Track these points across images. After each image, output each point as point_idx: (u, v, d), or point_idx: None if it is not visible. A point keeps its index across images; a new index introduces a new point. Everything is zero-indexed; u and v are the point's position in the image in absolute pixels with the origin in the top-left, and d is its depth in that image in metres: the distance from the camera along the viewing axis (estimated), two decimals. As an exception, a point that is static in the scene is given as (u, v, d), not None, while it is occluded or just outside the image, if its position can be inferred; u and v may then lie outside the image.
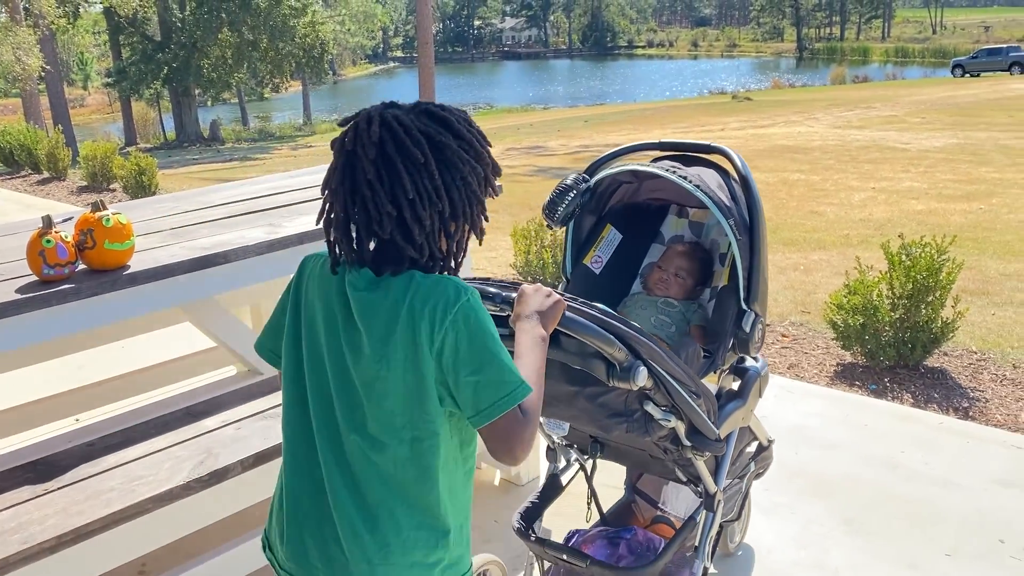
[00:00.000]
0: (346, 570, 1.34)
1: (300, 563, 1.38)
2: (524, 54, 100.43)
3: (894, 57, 68.29)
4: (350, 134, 1.31)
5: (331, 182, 1.33)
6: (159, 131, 38.16)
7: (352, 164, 1.29)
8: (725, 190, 2.08)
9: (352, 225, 1.32)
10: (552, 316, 1.47)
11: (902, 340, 3.99)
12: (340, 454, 1.34)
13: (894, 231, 8.28)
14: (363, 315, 1.31)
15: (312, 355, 1.37)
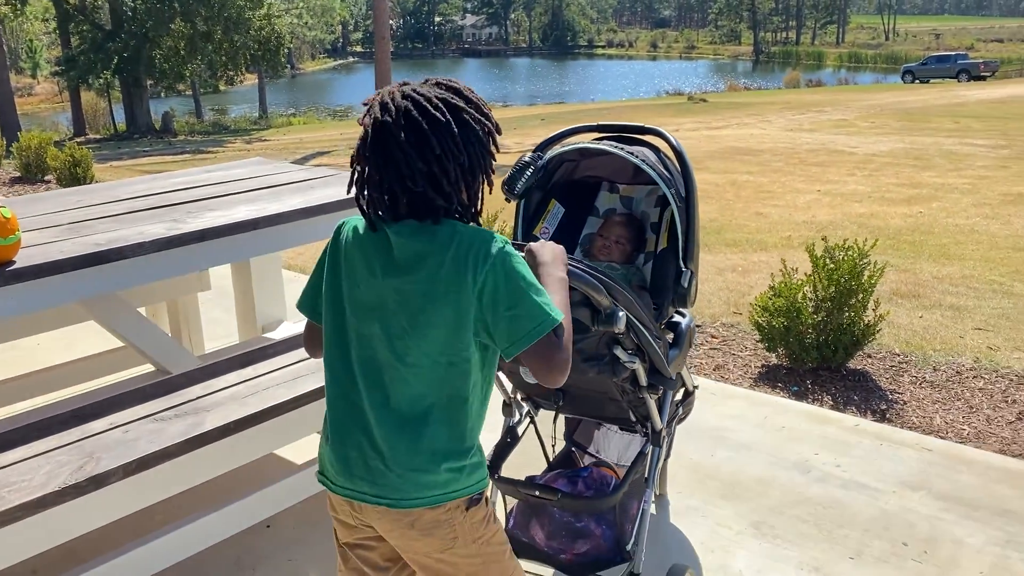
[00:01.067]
0: (387, 479, 1.53)
1: (348, 477, 1.57)
2: (484, 51, 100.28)
3: (847, 62, 69.44)
4: (376, 108, 1.50)
5: (364, 151, 1.51)
6: (109, 122, 37.33)
7: (383, 132, 1.48)
8: (662, 165, 2.34)
9: (385, 184, 1.49)
10: (562, 263, 1.68)
11: (825, 342, 4.02)
12: (381, 382, 1.53)
13: (835, 233, 8.38)
14: (411, 259, 1.50)
15: (354, 301, 1.55)
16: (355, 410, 1.56)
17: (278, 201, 3.03)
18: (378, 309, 1.53)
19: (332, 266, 1.60)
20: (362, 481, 1.55)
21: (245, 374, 2.58)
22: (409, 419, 1.53)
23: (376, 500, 1.55)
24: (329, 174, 3.53)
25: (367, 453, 1.54)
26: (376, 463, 1.54)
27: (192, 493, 2.42)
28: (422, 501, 1.54)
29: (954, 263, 6.95)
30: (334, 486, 1.60)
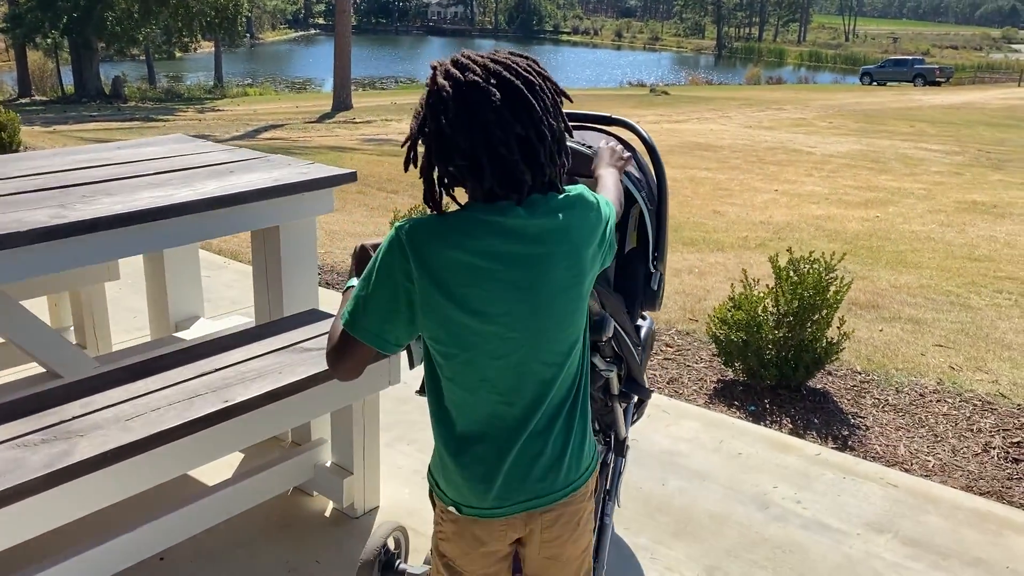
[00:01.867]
0: (558, 475, 1.48)
1: (519, 491, 1.47)
2: (449, 30, 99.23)
3: (808, 61, 70.09)
4: (455, 69, 1.37)
5: (443, 117, 1.35)
6: (57, 84, 36.00)
7: (473, 92, 1.34)
8: (632, 163, 2.18)
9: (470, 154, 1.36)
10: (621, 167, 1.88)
11: (785, 359, 3.78)
12: (536, 380, 1.43)
13: (792, 235, 8.22)
14: (541, 240, 1.39)
15: (478, 310, 1.38)
16: (514, 419, 1.45)
17: (189, 187, 2.68)
18: (515, 303, 1.40)
19: (430, 284, 1.37)
20: (539, 483, 1.48)
21: (136, 389, 2.24)
22: (561, 411, 1.48)
23: (554, 498, 1.50)
24: (254, 156, 3.17)
25: (536, 454, 1.47)
26: (546, 460, 1.48)
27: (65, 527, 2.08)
28: (587, 475, 1.54)
29: (911, 271, 6.81)
30: (500, 509, 1.48)
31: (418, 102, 1.42)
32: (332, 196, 2.96)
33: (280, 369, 2.38)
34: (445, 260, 1.36)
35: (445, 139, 1.36)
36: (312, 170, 2.96)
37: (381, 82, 45.85)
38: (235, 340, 2.59)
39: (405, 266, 1.36)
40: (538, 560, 1.56)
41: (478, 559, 1.53)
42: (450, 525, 1.52)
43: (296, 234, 2.93)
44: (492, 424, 1.44)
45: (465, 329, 1.39)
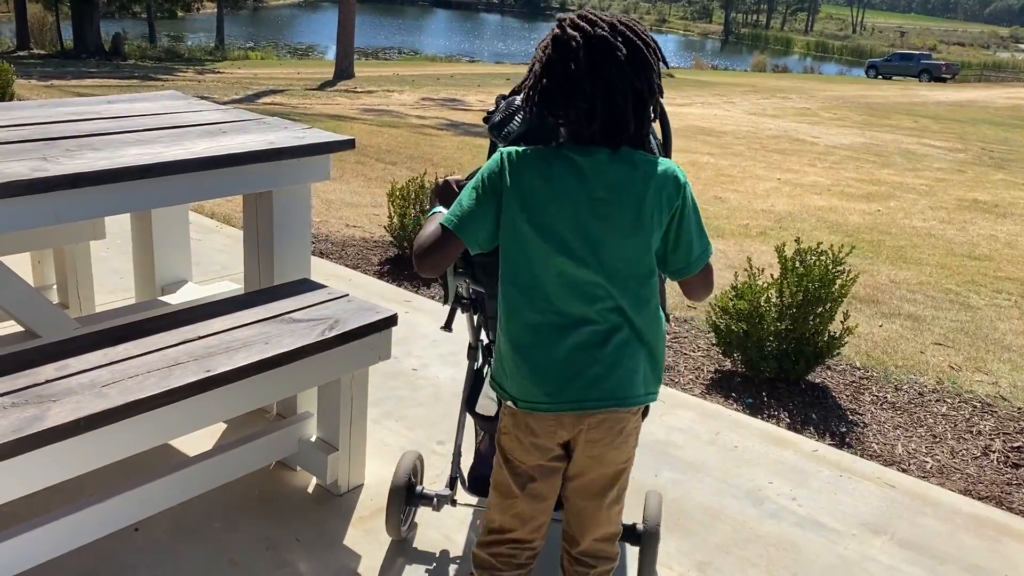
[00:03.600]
0: (609, 383, 1.66)
1: (569, 390, 1.65)
2: (455, 4, 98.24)
3: (814, 51, 69.69)
4: (583, 23, 1.57)
5: (568, 62, 1.56)
6: (56, 38, 35.51)
7: (602, 43, 1.56)
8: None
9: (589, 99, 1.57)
10: None
11: (785, 352, 3.70)
12: (588, 297, 1.63)
13: (793, 224, 8.14)
14: (614, 186, 1.61)
15: (544, 227, 1.62)
16: (564, 328, 1.64)
17: (179, 145, 2.56)
18: (579, 231, 1.62)
19: (514, 190, 1.63)
20: (587, 389, 1.65)
21: (114, 353, 2.14)
22: (614, 335, 1.64)
23: (602, 404, 1.66)
24: (249, 118, 3.06)
25: (586, 363, 1.64)
26: (597, 369, 1.64)
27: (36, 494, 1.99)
28: (637, 400, 1.69)
29: (911, 267, 6.73)
30: (549, 404, 1.66)
31: (539, 51, 1.63)
32: (329, 163, 2.85)
33: (267, 339, 2.29)
34: (528, 180, 1.63)
35: (571, 83, 1.57)
36: (309, 135, 2.85)
37: (385, 52, 45.38)
38: (222, 307, 2.50)
39: (500, 180, 1.64)
40: (582, 459, 1.73)
41: (531, 451, 1.72)
42: (509, 418, 1.74)
43: (290, 201, 2.82)
44: (543, 330, 1.65)
45: (529, 242, 1.63)
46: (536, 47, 1.65)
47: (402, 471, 2.42)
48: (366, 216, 6.40)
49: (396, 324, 2.53)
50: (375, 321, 2.46)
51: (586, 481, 1.76)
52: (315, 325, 2.40)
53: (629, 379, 1.66)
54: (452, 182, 1.88)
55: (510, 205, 1.63)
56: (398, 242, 5.12)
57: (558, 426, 1.68)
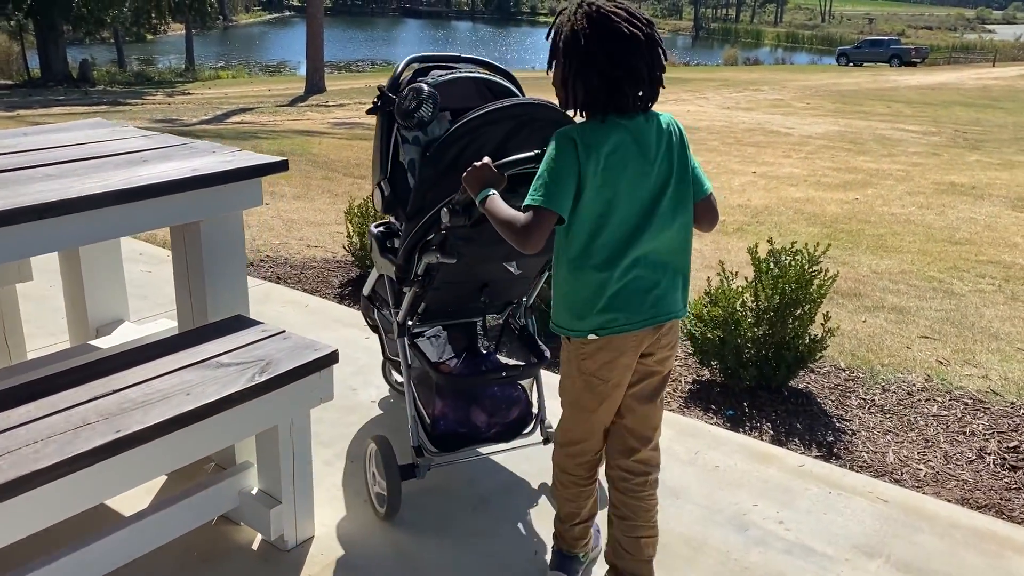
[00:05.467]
0: (674, 300, 2.08)
1: (650, 309, 2.03)
2: (425, 13, 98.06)
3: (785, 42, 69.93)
4: (637, 18, 1.94)
5: (633, 52, 1.91)
6: (23, 68, 35.06)
7: (654, 35, 1.95)
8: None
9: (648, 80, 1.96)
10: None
11: (765, 358, 3.51)
12: (658, 235, 2.00)
13: (770, 218, 7.97)
14: (654, 142, 1.98)
15: (620, 184, 1.96)
16: (634, 264, 1.99)
17: (92, 179, 2.35)
18: (651, 186, 1.98)
19: (597, 163, 1.92)
20: (660, 306, 2.04)
21: (15, 416, 1.92)
22: (675, 255, 2.05)
23: (668, 317, 2.06)
24: (175, 143, 2.84)
25: (650, 287, 2.02)
26: (658, 291, 2.03)
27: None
28: (684, 311, 2.12)
29: (892, 256, 6.58)
30: (637, 322, 2.02)
31: (571, 31, 1.93)
32: (260, 187, 2.63)
33: (189, 390, 2.07)
34: (600, 149, 1.92)
35: (636, 69, 1.91)
36: (238, 158, 2.64)
37: (357, 64, 45.14)
38: (144, 353, 2.28)
39: (576, 155, 1.92)
40: (651, 364, 2.12)
41: (616, 368, 2.07)
42: (590, 347, 2.05)
43: (219, 230, 2.61)
44: (618, 269, 1.98)
45: (609, 199, 1.95)
46: (578, 40, 1.92)
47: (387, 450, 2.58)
48: (329, 235, 6.17)
49: (337, 361, 2.32)
50: (313, 360, 2.25)
51: (650, 384, 2.14)
52: (244, 369, 2.18)
53: (676, 296, 2.07)
54: (490, 164, 2.08)
55: (591, 173, 1.91)
56: (359, 261, 4.91)
57: (638, 341, 2.05)
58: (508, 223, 1.95)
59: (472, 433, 2.63)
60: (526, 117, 2.35)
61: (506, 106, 2.33)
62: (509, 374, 2.62)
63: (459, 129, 2.31)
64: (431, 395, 2.61)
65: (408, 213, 2.45)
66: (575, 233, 1.98)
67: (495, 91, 2.67)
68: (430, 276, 2.44)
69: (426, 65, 2.69)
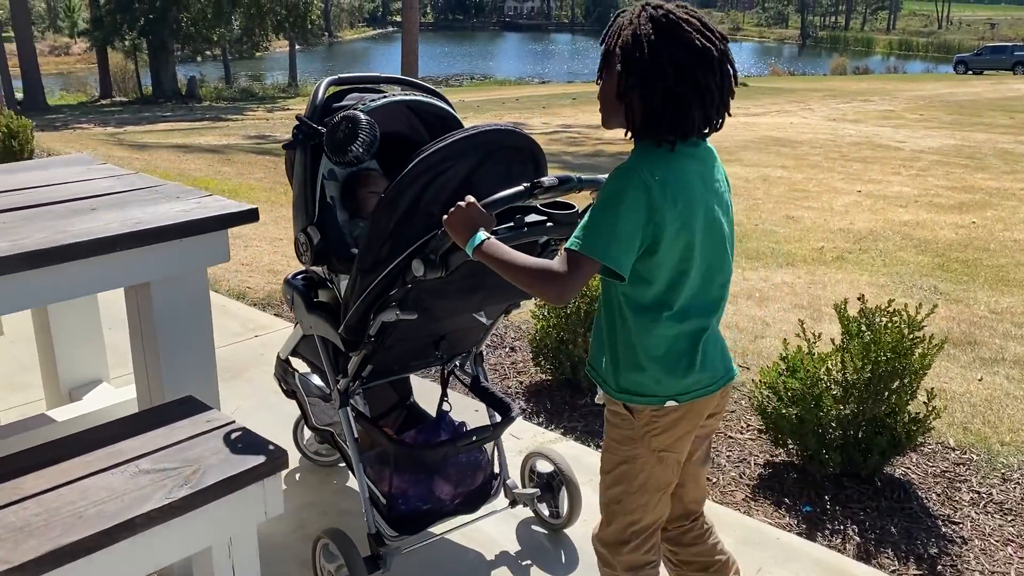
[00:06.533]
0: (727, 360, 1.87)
1: (715, 371, 1.81)
2: (525, 26, 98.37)
3: (897, 50, 67.05)
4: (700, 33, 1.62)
5: (710, 72, 1.63)
6: (136, 85, 36.64)
7: (728, 53, 1.68)
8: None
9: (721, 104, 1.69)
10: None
11: (853, 440, 2.89)
12: (723, 282, 1.81)
13: (875, 245, 7.20)
14: (715, 174, 1.77)
15: (696, 227, 1.69)
16: (709, 314, 1.79)
17: (15, 232, 1.97)
18: (714, 222, 1.74)
19: (675, 208, 1.64)
20: (727, 360, 1.86)
21: None
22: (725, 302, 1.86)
23: (732, 374, 1.87)
24: (142, 186, 2.46)
25: (718, 340, 1.84)
26: (722, 344, 1.86)
27: None
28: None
29: (1015, 291, 5.75)
30: (714, 385, 1.82)
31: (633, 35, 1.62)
32: (225, 241, 2.22)
33: (81, 513, 1.64)
34: (675, 182, 1.64)
35: (709, 89, 1.62)
36: (200, 207, 2.22)
37: (455, 79, 45.42)
38: (61, 449, 1.87)
39: (647, 198, 1.61)
40: (710, 424, 1.91)
41: (687, 439, 1.84)
42: (668, 418, 1.78)
43: (176, 292, 2.20)
44: (697, 322, 1.75)
45: (687, 246, 1.68)
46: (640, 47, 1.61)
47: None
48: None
49: (287, 466, 1.86)
50: (253, 468, 1.80)
51: (704, 448, 1.97)
52: (164, 479, 1.75)
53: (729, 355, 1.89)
54: (477, 203, 1.77)
55: (669, 219, 1.64)
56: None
57: (711, 404, 1.84)
58: (531, 270, 1.65)
59: (436, 508, 2.36)
60: (493, 146, 2.01)
61: (471, 135, 1.98)
62: (479, 438, 2.32)
63: (418, 166, 1.94)
64: (383, 470, 2.31)
65: (360, 267, 2.05)
66: (651, 279, 1.72)
67: (422, 114, 2.40)
68: (383, 335, 2.10)
69: (342, 88, 2.38)
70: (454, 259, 1.84)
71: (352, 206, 2.38)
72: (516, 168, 2.03)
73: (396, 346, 2.19)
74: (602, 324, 1.81)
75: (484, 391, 2.49)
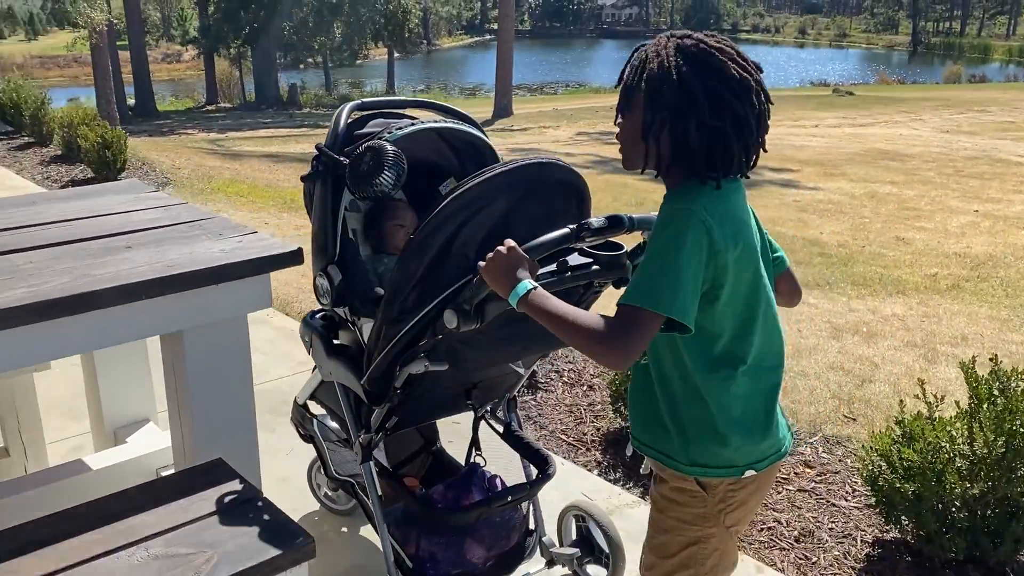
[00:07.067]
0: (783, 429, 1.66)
1: (769, 442, 1.61)
2: (622, 32, 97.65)
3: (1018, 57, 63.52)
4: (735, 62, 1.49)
5: (750, 104, 1.49)
6: (240, 92, 37.86)
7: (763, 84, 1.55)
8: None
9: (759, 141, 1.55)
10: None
11: (981, 524, 2.48)
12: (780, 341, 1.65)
13: (995, 272, 6.62)
14: (752, 213, 1.62)
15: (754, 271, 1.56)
16: (773, 369, 1.62)
17: (88, 268, 1.81)
18: (766, 265, 1.60)
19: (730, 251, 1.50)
20: (785, 428, 1.66)
21: None
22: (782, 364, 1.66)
23: (782, 453, 1.65)
24: (187, 219, 2.27)
25: (775, 412, 1.63)
26: (776, 417, 1.63)
27: None
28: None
29: None
30: (779, 452, 1.63)
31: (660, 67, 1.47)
32: (268, 285, 2.00)
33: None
34: (732, 222, 1.51)
35: (723, 106, 1.47)
36: (239, 248, 2.02)
37: (550, 87, 45.31)
38: (71, 521, 1.68)
39: (707, 239, 1.46)
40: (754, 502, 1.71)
41: (752, 512, 1.70)
42: (746, 490, 1.61)
43: (210, 342, 1.99)
44: (763, 378, 1.60)
45: (749, 291, 1.55)
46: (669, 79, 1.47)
47: None
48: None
49: (313, 556, 1.62)
50: (274, 558, 1.56)
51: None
52: (173, 568, 1.53)
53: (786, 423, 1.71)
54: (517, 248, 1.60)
55: (729, 264, 1.51)
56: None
57: (755, 485, 1.64)
58: (588, 331, 1.46)
59: (467, 571, 2.20)
60: (534, 181, 1.84)
61: (511, 169, 1.81)
62: (516, 497, 2.17)
63: (451, 204, 1.77)
64: (410, 530, 2.16)
65: (385, 317, 1.88)
66: (717, 330, 1.56)
67: (451, 139, 2.25)
68: (410, 387, 1.95)
69: (367, 113, 2.22)
70: (491, 309, 1.67)
71: (376, 240, 2.27)
72: (559, 205, 1.84)
73: (424, 396, 2.05)
74: (655, 390, 1.59)
75: (518, 441, 2.31)
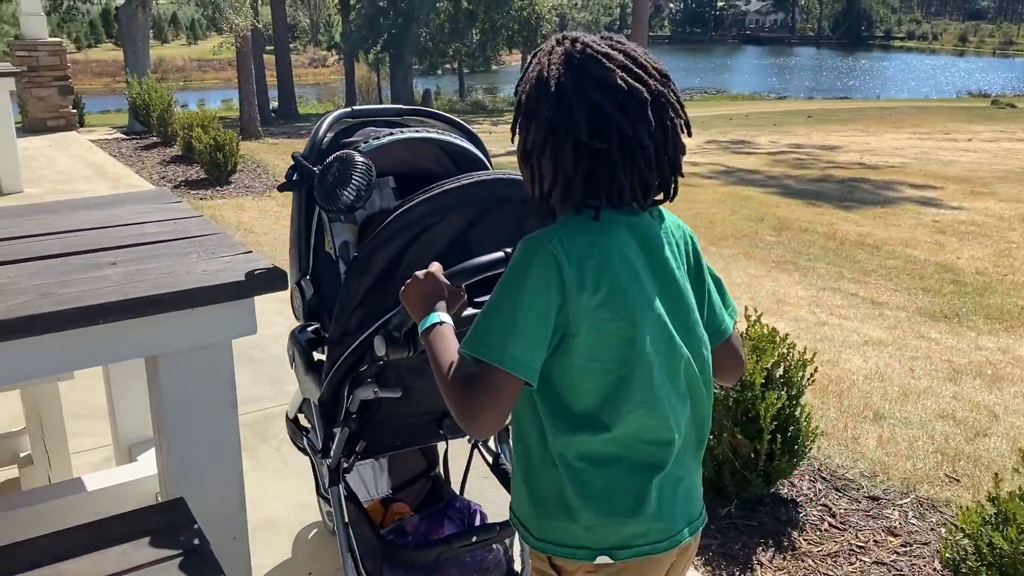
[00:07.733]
0: (695, 502, 1.40)
1: (674, 521, 1.37)
2: (766, 39, 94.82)
3: None
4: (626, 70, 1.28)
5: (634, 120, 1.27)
6: (377, 96, 38.99)
7: (665, 93, 1.31)
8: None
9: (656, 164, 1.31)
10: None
11: (1092, 632, 2.05)
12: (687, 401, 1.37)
13: None
14: (663, 246, 1.35)
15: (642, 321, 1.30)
16: (664, 434, 1.35)
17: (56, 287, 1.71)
18: (659, 309, 1.33)
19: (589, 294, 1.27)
20: (693, 505, 1.41)
21: None
22: (704, 424, 1.42)
23: (699, 523, 1.42)
24: (189, 236, 2.14)
25: (682, 474, 1.39)
26: (688, 480, 1.40)
27: None
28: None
29: None
30: (674, 535, 1.37)
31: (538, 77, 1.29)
32: (252, 309, 1.84)
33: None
34: (599, 258, 1.28)
35: (604, 124, 1.26)
36: (226, 269, 1.86)
37: (688, 93, 44.44)
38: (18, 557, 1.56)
39: (558, 277, 1.26)
40: None
41: None
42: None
43: (189, 369, 1.85)
44: (648, 445, 1.34)
45: (621, 329, 1.29)
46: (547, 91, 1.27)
47: None
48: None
49: None
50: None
51: None
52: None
53: (700, 489, 1.44)
54: (438, 273, 1.46)
55: (583, 311, 1.27)
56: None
57: (666, 565, 1.39)
58: (447, 387, 1.28)
59: None
60: (494, 199, 1.72)
61: (465, 184, 1.71)
62: (481, 539, 2.00)
63: (398, 220, 1.69)
64: (376, 561, 2.02)
65: (330, 337, 1.82)
66: (576, 386, 1.32)
67: (451, 154, 2.12)
68: (368, 412, 1.89)
69: (359, 120, 2.12)
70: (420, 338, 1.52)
71: None
72: (531, 224, 1.63)
73: (387, 423, 1.97)
74: (518, 450, 1.38)
75: (504, 475, 2.15)
